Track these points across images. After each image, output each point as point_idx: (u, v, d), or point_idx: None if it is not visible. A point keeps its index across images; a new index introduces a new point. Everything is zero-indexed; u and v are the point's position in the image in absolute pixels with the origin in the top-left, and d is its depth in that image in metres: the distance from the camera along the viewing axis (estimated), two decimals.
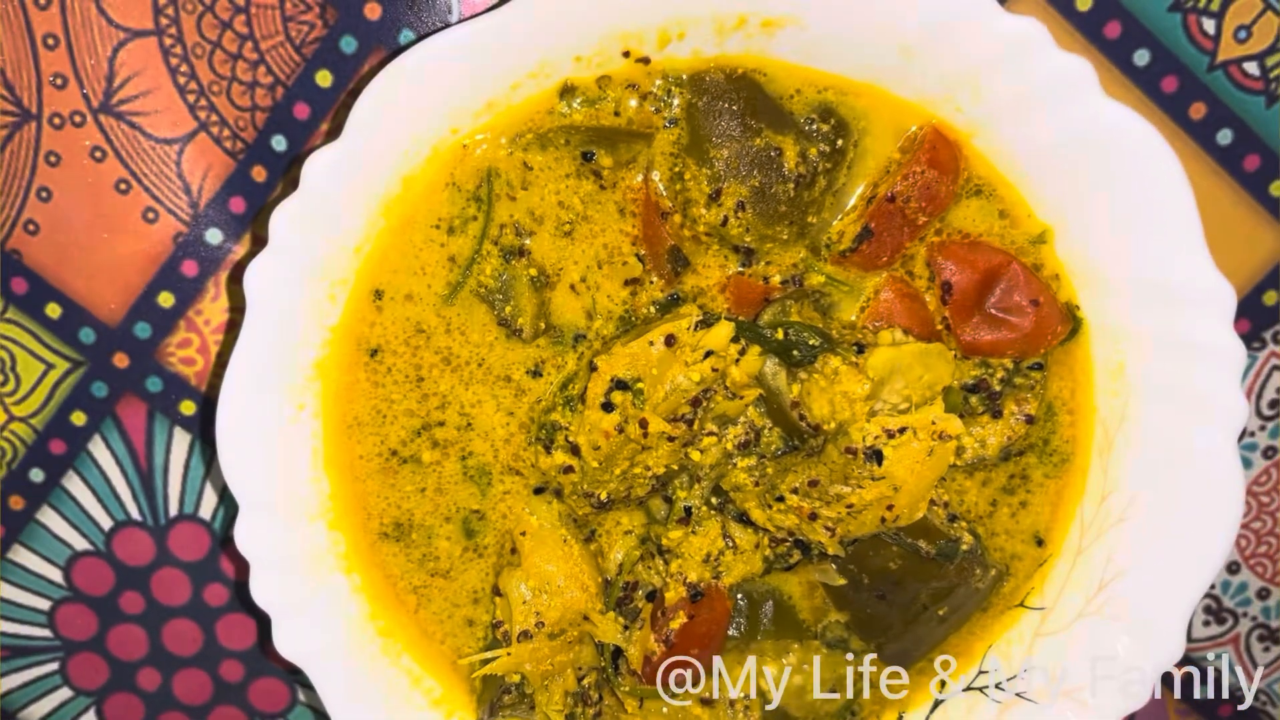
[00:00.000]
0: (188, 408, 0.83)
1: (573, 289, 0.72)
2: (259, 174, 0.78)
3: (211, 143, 0.77)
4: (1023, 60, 0.66)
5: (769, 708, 0.79)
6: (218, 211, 0.79)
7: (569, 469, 0.72)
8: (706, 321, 0.70)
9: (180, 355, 0.82)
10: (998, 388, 0.73)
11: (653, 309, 0.72)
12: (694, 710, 0.79)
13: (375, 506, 0.75)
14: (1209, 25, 0.75)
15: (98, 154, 0.77)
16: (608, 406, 0.70)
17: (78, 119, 0.77)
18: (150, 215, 0.79)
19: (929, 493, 0.72)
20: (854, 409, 0.69)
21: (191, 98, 0.76)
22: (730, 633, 0.77)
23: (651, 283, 0.72)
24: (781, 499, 0.71)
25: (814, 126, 0.70)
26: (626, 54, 0.67)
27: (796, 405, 0.71)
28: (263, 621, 0.76)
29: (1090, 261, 0.72)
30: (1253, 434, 0.87)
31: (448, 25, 0.74)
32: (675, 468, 0.72)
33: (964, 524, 0.75)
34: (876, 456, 0.69)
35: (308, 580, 0.74)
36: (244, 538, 0.72)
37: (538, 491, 0.75)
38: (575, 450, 0.71)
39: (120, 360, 0.82)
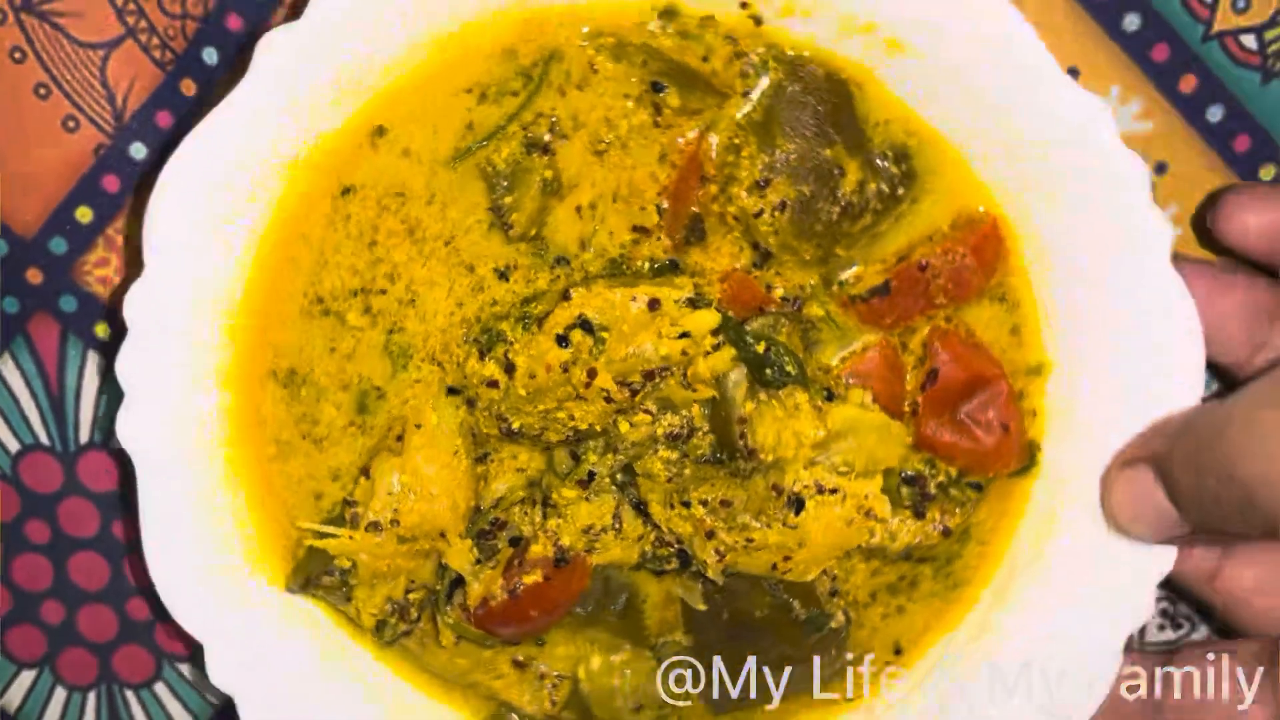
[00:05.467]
0: (103, 330, 0.78)
1: (578, 210, 0.67)
2: (188, 88, 0.73)
3: (139, 51, 0.72)
4: (1104, 212, 0.64)
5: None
6: (142, 125, 0.74)
7: (494, 384, 0.67)
8: (695, 303, 0.66)
9: (97, 274, 0.77)
10: (933, 491, 0.71)
11: (648, 266, 0.67)
12: (504, 666, 0.75)
13: (279, 341, 0.69)
14: None
15: (17, 55, 0.72)
16: (563, 340, 0.65)
17: None
18: (71, 124, 0.74)
19: (828, 562, 0.69)
20: (799, 451, 0.66)
21: (120, 1, 0.71)
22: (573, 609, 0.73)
23: (658, 239, 0.67)
24: (688, 504, 0.67)
25: (885, 164, 0.66)
26: (744, 4, 0.63)
27: (744, 422, 0.67)
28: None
29: (1073, 413, 0.70)
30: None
31: None
32: (598, 429, 0.68)
33: (842, 603, 0.73)
34: (798, 504, 0.66)
35: (178, 370, 0.68)
36: (138, 297, 0.65)
37: (451, 391, 0.69)
38: (510, 369, 0.66)
39: (34, 276, 0.77)
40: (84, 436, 0.81)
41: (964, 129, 0.65)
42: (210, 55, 0.72)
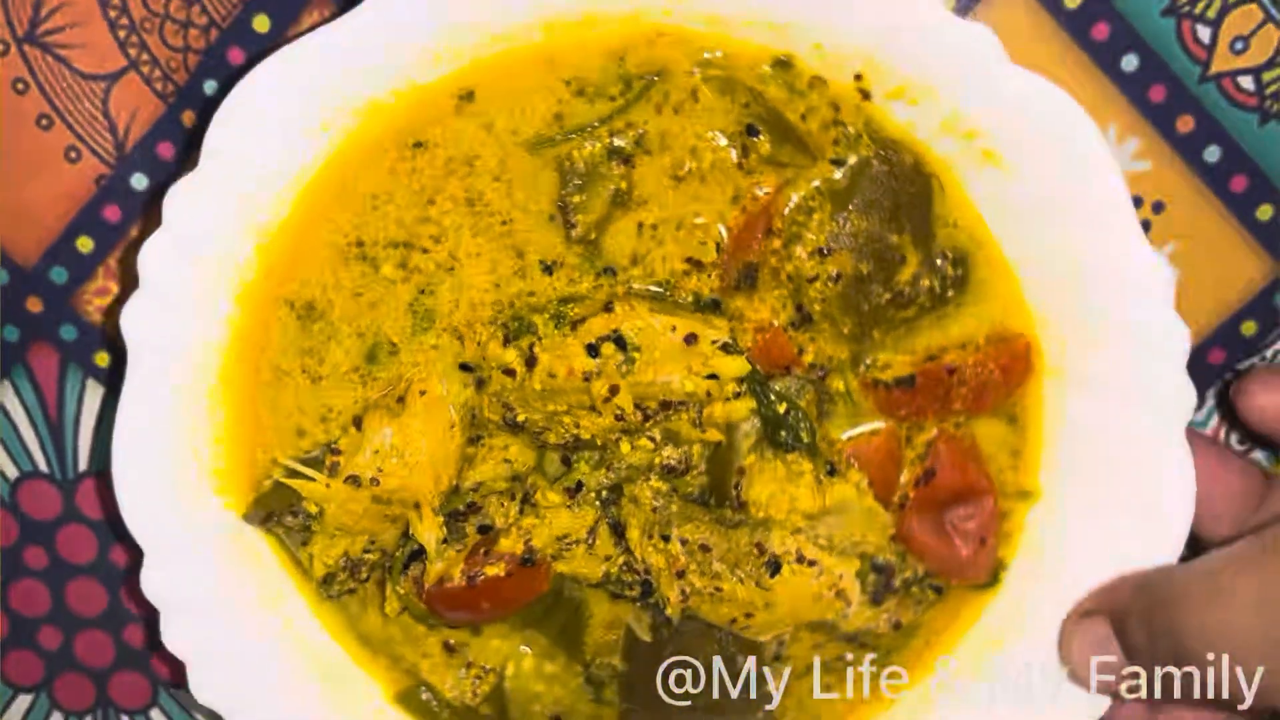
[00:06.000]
0: (102, 359, 0.78)
1: (640, 227, 0.67)
2: (189, 119, 0.73)
3: (141, 83, 0.72)
4: (1135, 369, 0.65)
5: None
6: (144, 155, 0.74)
7: (511, 372, 0.67)
8: (729, 348, 0.66)
9: (97, 304, 0.77)
10: (897, 584, 0.72)
11: (690, 298, 0.67)
12: (434, 647, 0.74)
13: (305, 273, 0.67)
14: (1204, 34, 0.70)
15: (20, 86, 0.72)
16: (593, 350, 0.65)
17: (0, 48, 0.71)
18: (72, 154, 0.74)
19: (786, 628, 0.70)
20: (789, 516, 0.66)
21: (122, 33, 0.71)
22: None
23: (709, 276, 0.67)
24: (667, 539, 0.67)
25: (943, 264, 0.67)
26: (859, 77, 0.63)
27: (741, 473, 0.68)
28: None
29: (1046, 545, 0.72)
30: None
31: None
32: (598, 442, 0.68)
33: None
34: (775, 567, 0.66)
35: (198, 273, 0.66)
36: (181, 192, 0.63)
37: (464, 368, 0.69)
38: (531, 363, 0.66)
39: (34, 305, 0.77)
40: (83, 464, 0.81)
41: (1026, 251, 0.67)
42: (211, 87, 0.72)
